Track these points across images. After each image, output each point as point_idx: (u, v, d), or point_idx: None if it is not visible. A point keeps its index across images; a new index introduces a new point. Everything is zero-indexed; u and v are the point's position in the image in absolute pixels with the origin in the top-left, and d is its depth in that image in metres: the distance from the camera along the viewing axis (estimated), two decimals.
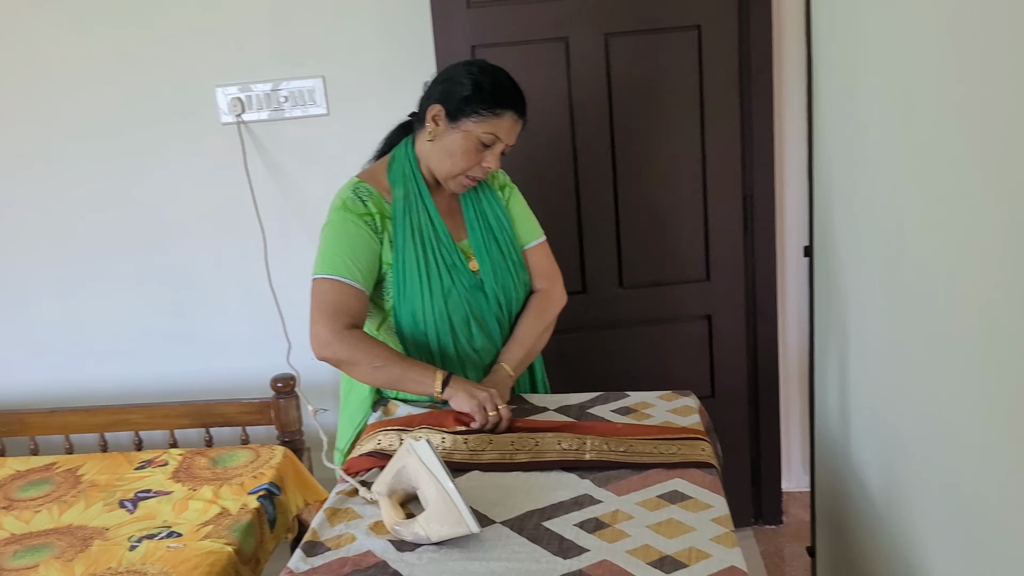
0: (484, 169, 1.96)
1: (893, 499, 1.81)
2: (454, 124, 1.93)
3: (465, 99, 1.91)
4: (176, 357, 3.19)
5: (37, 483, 2.68)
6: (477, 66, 1.96)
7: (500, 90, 1.92)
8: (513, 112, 1.93)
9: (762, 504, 3.13)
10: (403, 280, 1.96)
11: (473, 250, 2.04)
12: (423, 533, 1.47)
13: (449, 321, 1.98)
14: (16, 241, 3.14)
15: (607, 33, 2.71)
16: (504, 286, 2.05)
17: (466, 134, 1.92)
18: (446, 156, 1.95)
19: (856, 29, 1.98)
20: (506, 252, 2.07)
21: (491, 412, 1.80)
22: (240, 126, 2.96)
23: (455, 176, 1.97)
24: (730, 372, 2.97)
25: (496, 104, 1.91)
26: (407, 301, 1.97)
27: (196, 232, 3.10)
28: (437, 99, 1.95)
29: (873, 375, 1.95)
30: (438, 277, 1.97)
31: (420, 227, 1.97)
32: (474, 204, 2.08)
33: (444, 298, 1.97)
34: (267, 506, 2.46)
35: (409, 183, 1.99)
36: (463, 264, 2.00)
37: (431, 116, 1.95)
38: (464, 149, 1.93)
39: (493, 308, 2.03)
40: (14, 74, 3.00)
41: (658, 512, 1.54)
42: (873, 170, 1.89)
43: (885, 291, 1.83)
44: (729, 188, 2.84)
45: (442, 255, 1.98)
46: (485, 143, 1.93)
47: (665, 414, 1.91)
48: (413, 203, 1.98)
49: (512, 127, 1.95)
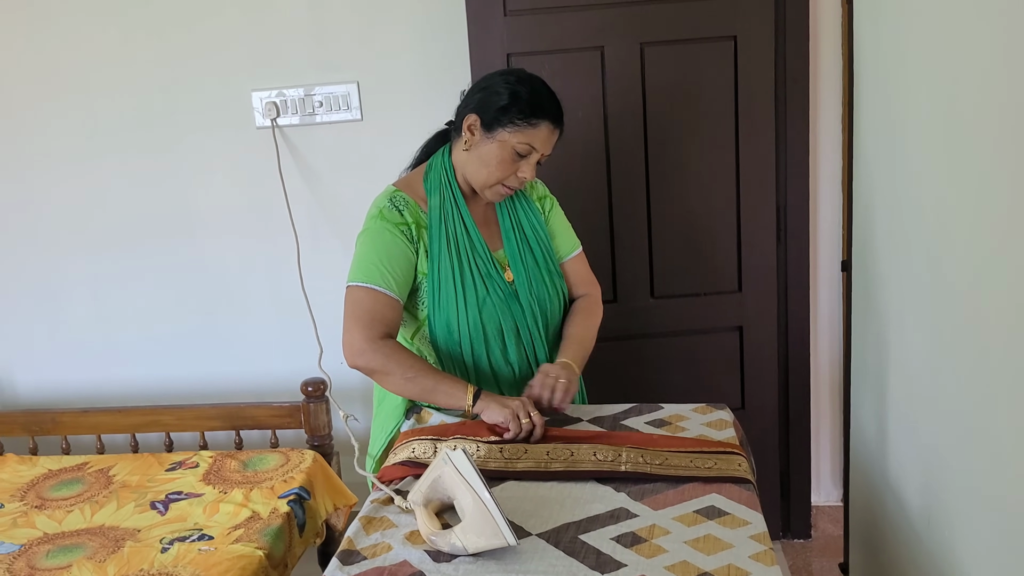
0: (519, 179, 1.96)
1: (933, 517, 1.79)
2: (490, 134, 1.92)
3: (501, 109, 1.90)
4: (207, 359, 3.21)
5: (69, 482, 2.70)
6: (514, 75, 1.95)
7: (536, 100, 1.91)
8: (549, 122, 1.92)
9: (791, 518, 3.10)
10: (438, 289, 1.96)
11: (509, 260, 2.03)
12: (459, 544, 1.46)
13: (483, 331, 1.98)
14: (51, 241, 3.17)
15: (643, 42, 2.70)
16: (540, 297, 2.04)
17: (501, 144, 1.92)
18: (481, 165, 1.95)
19: (900, 40, 1.97)
20: (542, 263, 2.06)
21: (524, 420, 1.79)
22: (275, 130, 2.97)
23: (491, 186, 1.96)
24: (761, 385, 2.95)
25: (532, 114, 1.90)
26: (441, 310, 1.97)
27: (229, 234, 3.11)
28: (473, 108, 1.94)
29: (914, 392, 1.93)
30: (473, 287, 1.96)
31: (456, 236, 1.97)
32: (511, 214, 2.07)
33: (479, 308, 1.97)
34: (297, 510, 2.46)
35: (445, 192, 1.99)
36: (499, 274, 2.00)
37: (467, 125, 1.95)
38: (499, 159, 1.92)
39: (528, 319, 2.02)
40: (54, 73, 3.03)
41: (695, 528, 1.52)
42: (916, 185, 1.87)
43: (929, 307, 1.81)
44: (763, 199, 2.82)
45: (477, 265, 1.98)
46: (520, 153, 1.92)
47: (700, 427, 1.90)
48: (449, 212, 1.98)
49: (548, 137, 1.94)
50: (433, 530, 1.51)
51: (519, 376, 2.04)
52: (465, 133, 1.95)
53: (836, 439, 3.11)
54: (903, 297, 2.00)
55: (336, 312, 2.93)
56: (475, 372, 2.00)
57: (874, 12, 2.19)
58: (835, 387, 3.05)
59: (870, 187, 2.25)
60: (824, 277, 3.00)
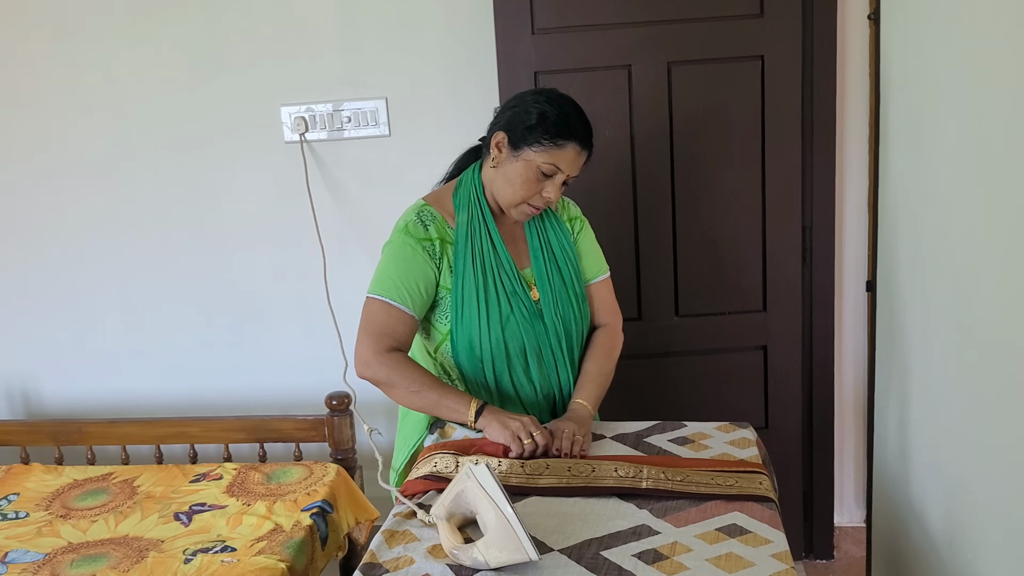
0: (544, 199, 1.95)
1: (956, 541, 1.78)
2: (516, 152, 1.92)
3: (528, 128, 1.90)
4: (233, 371, 3.23)
5: (94, 492, 2.72)
6: (544, 95, 1.95)
7: (564, 121, 1.90)
8: (576, 144, 1.91)
9: (814, 538, 3.08)
10: (461, 305, 1.96)
11: (535, 279, 2.03)
12: (481, 559, 1.47)
13: (505, 349, 1.98)
14: (81, 252, 3.21)
15: (670, 62, 2.71)
16: (564, 317, 2.03)
17: (527, 163, 1.91)
18: (507, 184, 1.95)
19: (928, 61, 1.97)
20: (569, 284, 2.06)
21: (526, 440, 1.79)
22: (303, 145, 3.00)
23: (516, 204, 1.96)
24: (785, 404, 2.94)
25: (558, 135, 1.89)
26: (464, 327, 1.97)
27: (257, 247, 3.14)
28: (502, 126, 1.95)
29: (938, 415, 1.92)
30: (496, 304, 1.96)
31: (482, 253, 1.97)
32: (539, 233, 2.07)
33: (502, 325, 1.97)
34: (319, 523, 2.47)
35: (474, 208, 2.00)
36: (524, 292, 1.99)
37: (495, 143, 1.95)
38: (524, 178, 1.92)
39: (552, 339, 2.01)
40: (87, 88, 3.08)
41: (717, 545, 1.52)
42: (943, 207, 1.86)
43: (954, 331, 1.80)
44: (789, 219, 2.82)
45: (502, 282, 1.98)
46: (546, 173, 1.92)
47: (723, 445, 1.90)
48: (477, 228, 1.99)
49: (574, 159, 1.93)
50: (455, 544, 1.51)
51: (541, 396, 2.04)
52: (492, 150, 1.96)
53: (860, 460, 3.09)
54: (927, 319, 1.99)
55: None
56: (497, 391, 2.00)
57: (902, 33, 2.19)
58: (859, 408, 3.04)
59: (895, 208, 2.24)
60: (849, 297, 2.99)
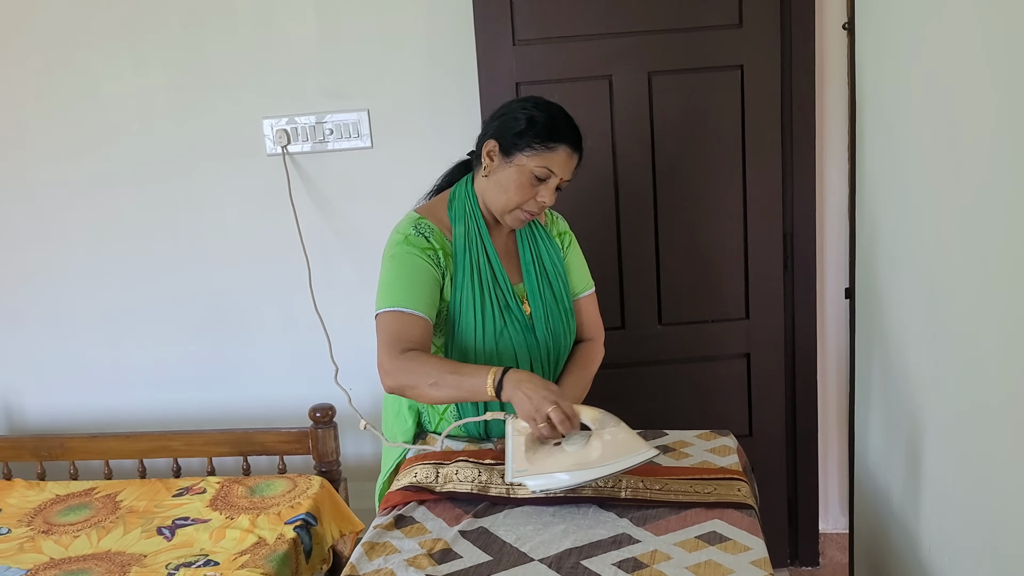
0: (539, 204, 1.95)
1: (935, 545, 1.79)
2: (508, 158, 1.93)
3: (519, 133, 1.91)
4: (216, 385, 3.22)
5: (77, 508, 2.71)
6: (532, 101, 1.96)
7: (553, 124, 1.91)
8: (567, 146, 1.92)
9: (798, 545, 3.09)
10: (458, 317, 1.95)
11: (527, 293, 2.03)
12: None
13: (499, 363, 1.96)
14: (62, 266, 3.20)
15: (651, 72, 2.72)
16: (555, 332, 2.03)
17: (520, 168, 1.92)
18: (501, 191, 1.95)
19: (901, 70, 1.99)
20: (559, 298, 2.06)
21: (540, 424, 1.68)
22: (285, 157, 3.01)
23: (510, 210, 1.96)
24: (768, 411, 2.95)
25: (549, 138, 1.90)
26: (458, 339, 1.96)
27: (240, 260, 3.13)
28: (492, 135, 1.95)
29: (916, 420, 1.93)
30: (492, 317, 1.96)
31: (479, 265, 1.97)
32: (531, 247, 2.07)
33: (496, 339, 1.96)
34: (303, 536, 2.47)
35: (470, 221, 1.99)
36: (518, 306, 1.99)
37: (486, 151, 1.95)
38: (518, 183, 1.92)
39: (542, 353, 2.01)
40: (67, 102, 3.07)
41: (697, 553, 1.53)
42: (916, 213, 1.88)
43: (928, 336, 1.82)
44: (770, 227, 2.83)
45: (497, 295, 1.97)
46: (539, 177, 1.92)
47: (704, 453, 1.90)
48: (473, 241, 1.98)
49: (566, 161, 1.93)
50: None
51: None
52: (484, 159, 1.96)
53: (844, 466, 3.09)
54: (904, 325, 2.00)
55: (346, 337, 2.99)
56: (485, 403, 2.00)
57: (875, 42, 2.21)
58: (842, 414, 3.04)
59: (872, 215, 2.26)
60: (831, 304, 3.00)
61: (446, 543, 1.60)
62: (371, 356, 1.86)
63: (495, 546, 1.58)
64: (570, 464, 1.64)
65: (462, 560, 1.55)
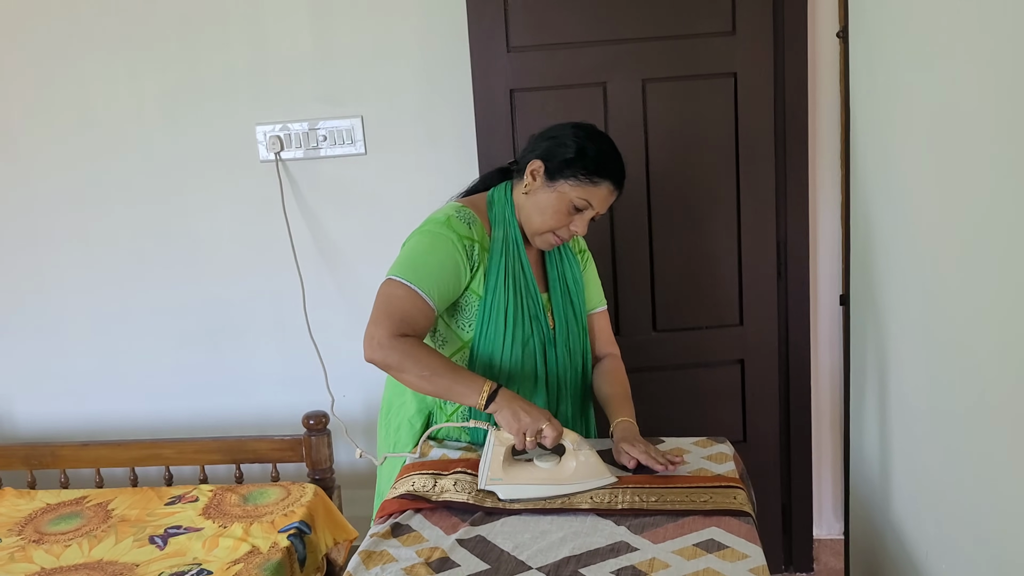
0: (571, 232, 1.95)
1: (932, 551, 1.79)
2: (551, 183, 1.92)
3: (566, 161, 1.90)
4: (209, 392, 3.21)
5: (68, 517, 2.69)
6: (585, 131, 1.95)
7: (602, 159, 1.91)
8: (611, 183, 1.91)
9: (793, 551, 3.09)
10: (488, 320, 1.95)
11: (552, 308, 2.04)
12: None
13: (521, 370, 1.98)
14: (53, 274, 3.18)
15: (644, 79, 2.73)
16: (574, 348, 2.05)
17: (560, 195, 1.91)
18: (537, 212, 1.95)
19: (894, 77, 1.99)
20: (579, 315, 2.07)
21: (529, 438, 1.74)
22: (278, 163, 3.00)
23: (542, 233, 1.96)
24: (762, 417, 2.95)
25: (596, 172, 1.89)
26: (487, 341, 1.96)
27: (232, 266, 3.12)
28: (540, 155, 1.94)
29: (912, 426, 1.94)
30: (521, 325, 1.96)
31: (514, 273, 1.97)
32: (557, 264, 2.08)
33: (523, 347, 1.97)
34: (297, 545, 2.45)
35: (509, 228, 1.99)
36: (544, 318, 2.00)
37: (531, 170, 1.94)
38: (556, 209, 1.92)
39: (560, 367, 2.02)
40: (59, 109, 3.06)
41: (695, 561, 1.52)
42: (912, 220, 1.88)
43: (924, 342, 1.82)
44: (763, 234, 2.83)
45: (528, 305, 1.98)
46: (578, 207, 1.92)
47: (700, 460, 1.90)
48: (511, 248, 1.98)
49: (606, 197, 1.93)
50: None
51: None
52: (527, 177, 1.95)
53: (838, 472, 3.09)
54: (900, 332, 2.00)
55: (340, 343, 2.98)
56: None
57: (868, 50, 2.21)
58: (836, 420, 3.05)
59: (867, 221, 2.26)
60: (824, 311, 3.00)
61: (444, 551, 1.59)
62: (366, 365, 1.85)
63: (493, 554, 1.58)
64: (541, 479, 1.76)
65: (460, 568, 1.54)
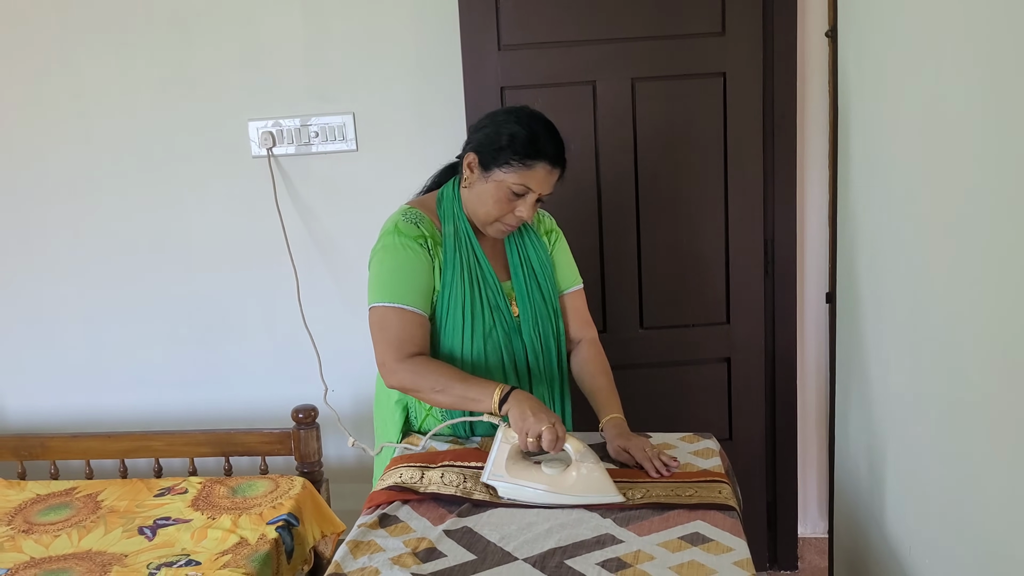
0: (517, 218, 1.95)
1: (915, 547, 1.81)
2: (486, 173, 1.92)
3: (498, 149, 1.90)
4: (199, 385, 3.21)
5: (57, 507, 2.70)
6: (515, 114, 1.94)
7: (533, 141, 1.89)
8: (546, 163, 1.90)
9: (777, 549, 3.11)
10: (446, 315, 1.96)
11: (515, 294, 2.04)
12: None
13: (486, 362, 1.98)
14: (45, 266, 3.18)
15: (634, 78, 2.75)
16: (543, 333, 2.05)
17: (497, 184, 1.91)
18: (479, 203, 1.95)
19: (883, 77, 2.01)
20: (547, 299, 2.07)
21: (530, 439, 1.74)
22: (270, 159, 3.01)
23: (490, 223, 1.97)
24: (748, 415, 2.97)
25: (527, 155, 1.89)
26: (447, 337, 1.97)
27: (224, 261, 3.13)
28: (473, 147, 1.95)
29: (895, 423, 1.96)
30: (481, 316, 1.97)
31: (468, 265, 1.97)
32: (518, 248, 2.07)
33: (484, 339, 1.97)
34: (285, 537, 2.47)
35: (458, 222, 2.00)
36: (506, 306, 2.00)
37: (467, 163, 1.95)
38: (496, 198, 1.92)
39: (529, 355, 2.03)
40: (52, 103, 3.06)
41: (680, 554, 1.54)
42: (897, 218, 1.90)
43: (909, 343, 1.84)
44: (751, 232, 2.85)
45: (487, 295, 1.99)
46: (517, 193, 1.91)
47: (687, 456, 1.92)
48: (462, 241, 1.98)
49: (545, 178, 1.92)
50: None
51: None
52: (465, 171, 1.96)
53: (823, 471, 3.12)
54: (885, 330, 2.02)
55: (332, 338, 3.00)
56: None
57: (858, 49, 2.23)
58: (822, 418, 3.07)
59: (854, 220, 2.28)
60: (810, 309, 3.02)
61: (431, 542, 1.61)
62: (355, 359, 1.87)
63: (479, 545, 1.59)
64: (542, 482, 1.74)
65: (446, 559, 1.56)
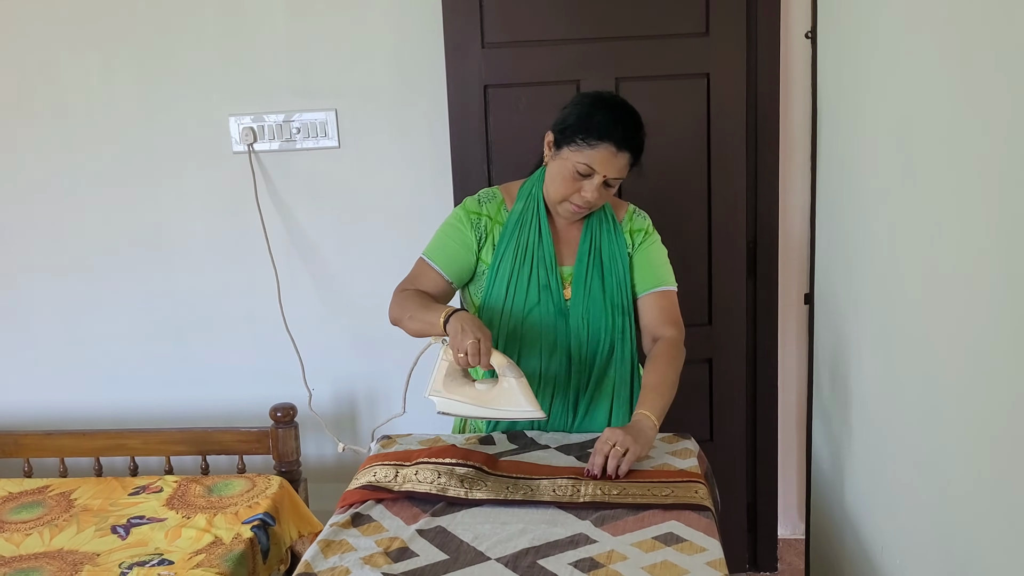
0: (583, 199, 1.95)
1: (887, 545, 1.80)
2: (557, 151, 1.96)
3: (566, 128, 1.94)
4: (176, 383, 3.19)
5: (29, 506, 2.67)
6: (591, 97, 1.98)
7: (601, 121, 1.90)
8: (611, 145, 1.89)
9: (757, 550, 3.11)
10: (492, 285, 2.05)
11: (572, 278, 2.06)
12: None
13: (521, 339, 2.03)
14: (21, 262, 3.15)
15: (618, 78, 2.74)
16: (594, 324, 2.04)
17: (563, 162, 1.95)
18: (550, 181, 2.00)
19: (860, 79, 2.01)
20: (608, 292, 2.06)
21: (459, 354, 1.81)
22: (251, 155, 2.98)
23: (558, 202, 2.00)
24: (729, 416, 2.96)
25: (590, 135, 1.90)
26: (489, 302, 2.05)
27: (203, 257, 3.11)
28: (552, 126, 1.99)
29: (870, 424, 1.95)
30: (525, 292, 2.02)
31: (527, 242, 2.03)
32: (593, 237, 2.08)
33: (524, 312, 2.03)
34: (261, 536, 2.44)
35: (531, 201, 2.06)
36: (557, 288, 2.03)
37: (547, 142, 2.01)
38: (563, 176, 1.95)
39: (573, 341, 2.04)
40: (31, 97, 3.03)
41: (653, 554, 1.53)
42: (873, 221, 1.90)
43: (884, 343, 1.83)
44: (733, 234, 2.85)
45: (539, 273, 2.03)
46: (580, 172, 1.93)
47: (664, 456, 1.91)
48: (529, 219, 2.05)
49: (609, 160, 1.90)
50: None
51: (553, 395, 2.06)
52: (545, 149, 2.02)
53: (802, 472, 3.11)
54: (861, 333, 2.02)
55: (312, 336, 2.97)
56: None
57: (836, 51, 2.23)
58: (801, 420, 3.07)
59: (830, 222, 2.28)
60: (790, 311, 3.02)
61: (403, 542, 1.59)
62: (335, 357, 1.87)
63: (452, 545, 1.58)
64: (472, 398, 1.87)
65: (419, 559, 1.54)
